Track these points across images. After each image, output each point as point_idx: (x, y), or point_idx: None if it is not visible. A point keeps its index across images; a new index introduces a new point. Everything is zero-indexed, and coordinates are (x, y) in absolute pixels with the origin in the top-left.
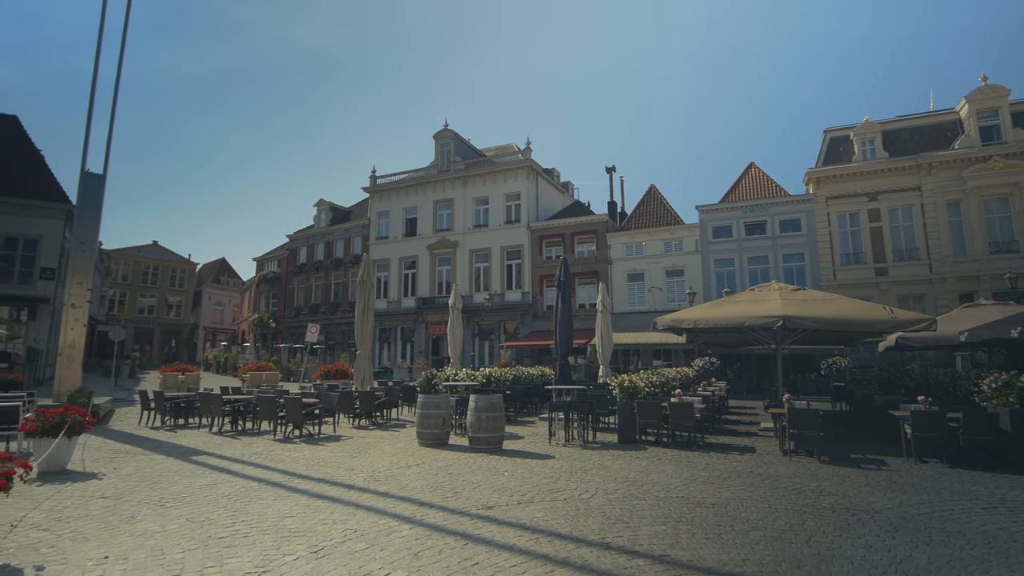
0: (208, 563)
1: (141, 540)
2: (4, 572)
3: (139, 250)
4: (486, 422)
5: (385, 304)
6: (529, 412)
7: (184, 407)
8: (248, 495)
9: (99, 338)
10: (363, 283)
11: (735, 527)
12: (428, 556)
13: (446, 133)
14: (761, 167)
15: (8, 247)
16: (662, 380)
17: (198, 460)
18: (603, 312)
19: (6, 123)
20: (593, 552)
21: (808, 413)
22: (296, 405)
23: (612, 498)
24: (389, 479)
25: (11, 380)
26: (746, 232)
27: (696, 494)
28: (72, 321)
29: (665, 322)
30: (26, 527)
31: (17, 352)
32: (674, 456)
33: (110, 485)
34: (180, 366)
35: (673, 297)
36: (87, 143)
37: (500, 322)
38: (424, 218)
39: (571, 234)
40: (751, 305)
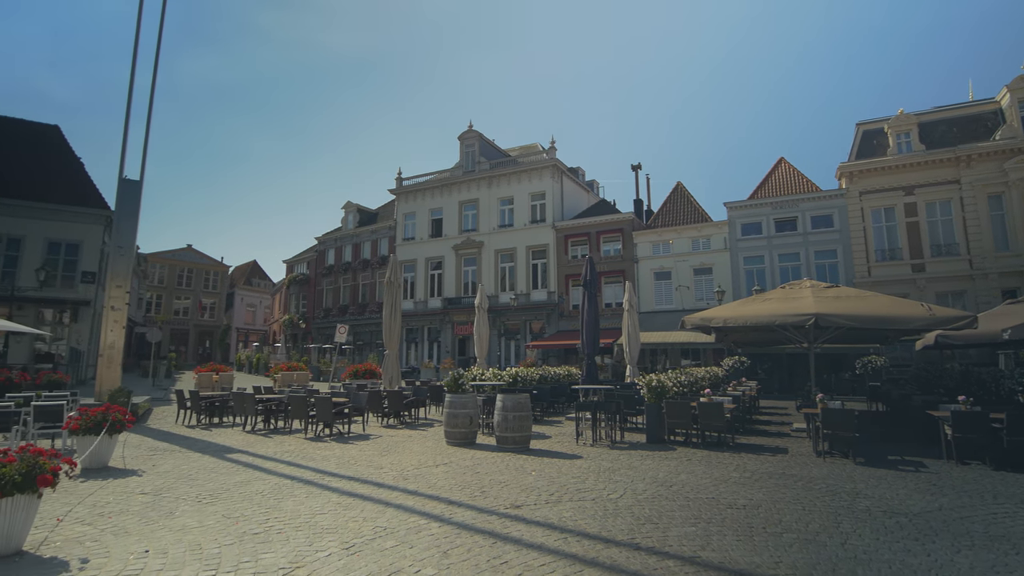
0: (244, 558)
1: (180, 535)
2: (52, 564)
3: (174, 253)
4: (513, 421)
5: (412, 304)
6: (556, 412)
7: (218, 406)
8: (281, 492)
9: (137, 339)
10: (390, 284)
11: (767, 529)
12: (457, 554)
13: (471, 134)
14: (791, 162)
15: (51, 252)
16: (691, 380)
17: (232, 458)
18: (630, 311)
19: (48, 133)
20: (622, 553)
21: (843, 413)
22: (326, 404)
23: (641, 498)
24: (418, 478)
25: (55, 380)
26: (776, 229)
27: (727, 495)
28: (112, 323)
29: (694, 321)
30: (71, 521)
31: (60, 353)
32: (704, 457)
33: (149, 482)
34: (214, 366)
35: (701, 295)
36: (124, 150)
37: (526, 322)
38: (449, 219)
39: (597, 233)
40: (782, 303)
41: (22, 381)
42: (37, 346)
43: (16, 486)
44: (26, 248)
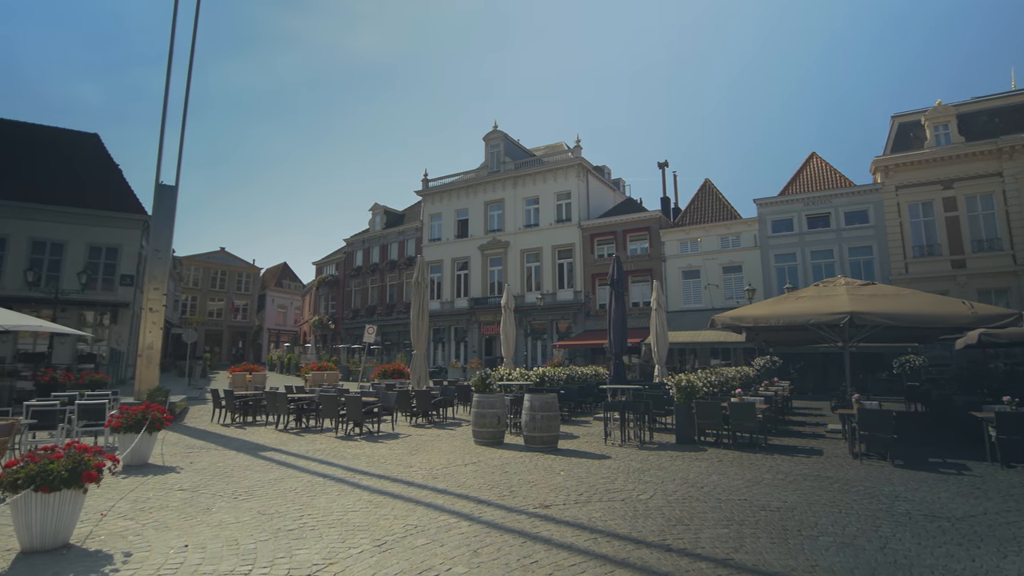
0: (279, 554)
1: (217, 530)
2: (97, 557)
3: (208, 256)
4: (541, 421)
5: (439, 305)
6: (583, 412)
7: (252, 405)
8: (313, 490)
9: (173, 340)
10: (418, 284)
11: (802, 532)
12: (487, 553)
13: (495, 134)
14: (823, 157)
15: (92, 256)
16: (721, 380)
17: (266, 456)
18: (658, 310)
19: (88, 141)
20: (653, 554)
21: (880, 414)
22: (356, 404)
23: (671, 499)
24: (447, 476)
25: (97, 380)
26: (808, 225)
27: (760, 497)
28: (150, 324)
29: (724, 320)
30: (114, 516)
31: (101, 354)
32: (735, 458)
33: (187, 478)
34: (247, 366)
35: (731, 294)
36: (160, 157)
37: (552, 321)
38: (475, 219)
39: (623, 232)
40: (816, 301)
41: (66, 381)
42: (79, 347)
43: (63, 481)
44: (68, 252)
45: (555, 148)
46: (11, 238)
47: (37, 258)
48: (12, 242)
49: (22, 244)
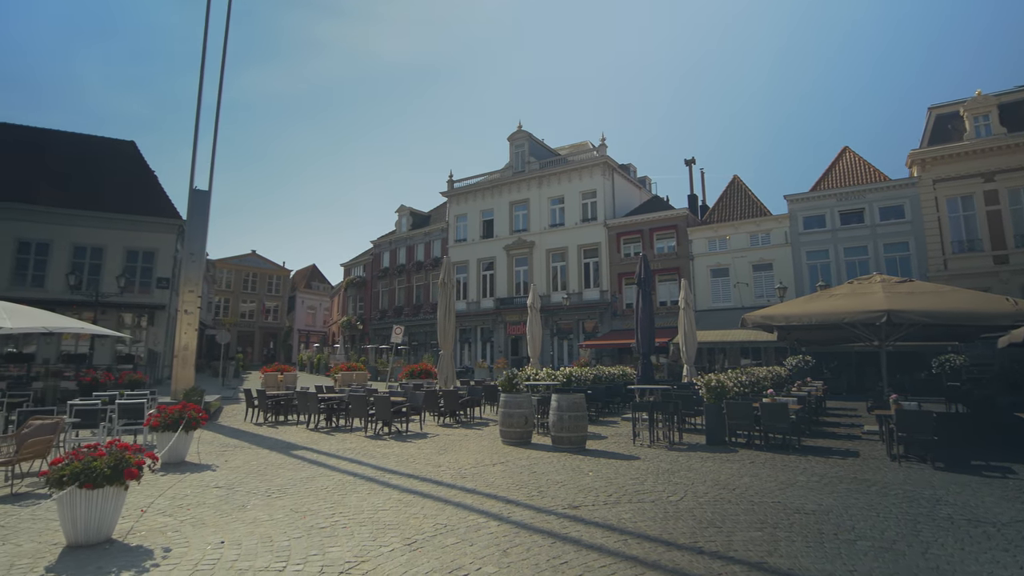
0: (312, 551)
1: (252, 527)
2: (138, 552)
3: (240, 259)
4: (568, 421)
5: (465, 305)
6: (611, 412)
7: (283, 405)
8: (344, 488)
9: (207, 341)
10: (444, 285)
11: (839, 535)
12: (517, 553)
13: (520, 134)
14: (856, 151)
15: (130, 260)
16: (752, 380)
17: (298, 454)
18: (686, 309)
19: (125, 148)
20: (685, 556)
21: (920, 415)
22: (385, 404)
23: (702, 501)
24: (475, 476)
25: (136, 380)
26: (841, 221)
27: (794, 499)
28: (185, 326)
29: (754, 319)
30: (153, 512)
31: (139, 354)
32: (768, 459)
33: (222, 476)
34: (279, 366)
35: (761, 292)
36: (194, 162)
37: (578, 321)
38: (500, 219)
39: (650, 230)
40: (850, 299)
41: (107, 381)
42: (118, 348)
43: (106, 478)
44: (107, 256)
45: (580, 147)
46: (54, 243)
47: (78, 262)
48: (55, 247)
49: (64, 249)
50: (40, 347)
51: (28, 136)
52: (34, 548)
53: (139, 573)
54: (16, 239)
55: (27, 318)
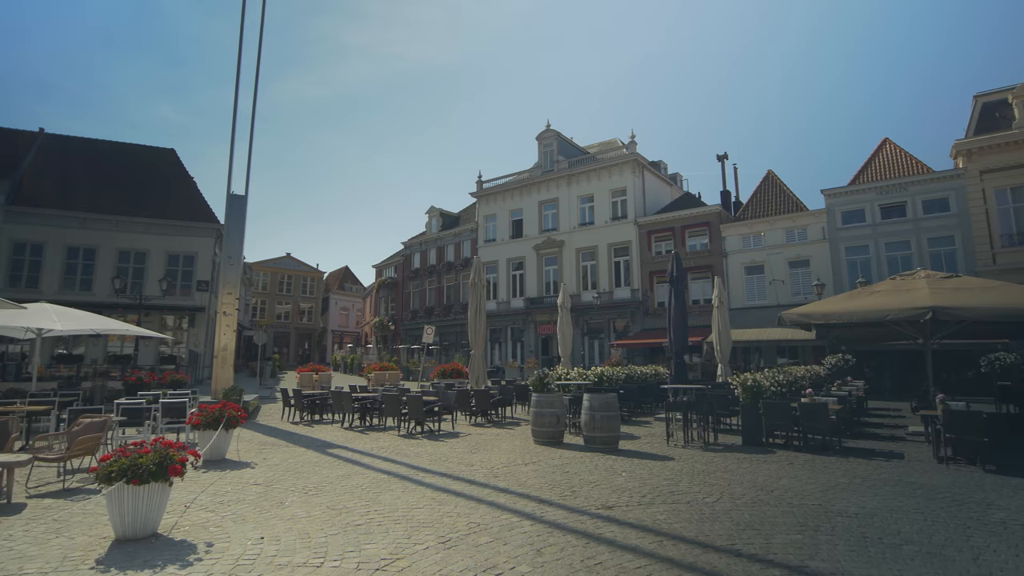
0: (348, 548)
1: (290, 524)
2: (182, 546)
3: (275, 262)
4: (600, 421)
5: (495, 305)
6: (644, 412)
7: (319, 404)
8: (379, 486)
9: (245, 342)
10: (474, 285)
11: (884, 539)
12: (550, 553)
13: (548, 133)
14: (897, 143)
15: (171, 264)
16: (790, 379)
17: (333, 453)
18: (719, 307)
19: (166, 156)
20: (722, 559)
21: (969, 415)
22: (417, 403)
23: (739, 503)
24: (508, 476)
25: (178, 379)
26: (882, 216)
27: (835, 502)
28: (224, 327)
29: (792, 317)
30: (196, 508)
31: (181, 355)
32: (807, 461)
33: (261, 474)
34: (314, 366)
35: (798, 290)
36: (231, 168)
37: (609, 320)
38: (530, 219)
39: (682, 227)
40: (893, 296)
41: (150, 381)
42: (161, 349)
43: (151, 475)
44: (150, 261)
45: (609, 144)
46: (100, 249)
47: (123, 267)
48: (101, 252)
49: (110, 254)
50: (88, 348)
51: (75, 146)
52: (86, 541)
53: (183, 567)
54: (65, 245)
55: (76, 321)
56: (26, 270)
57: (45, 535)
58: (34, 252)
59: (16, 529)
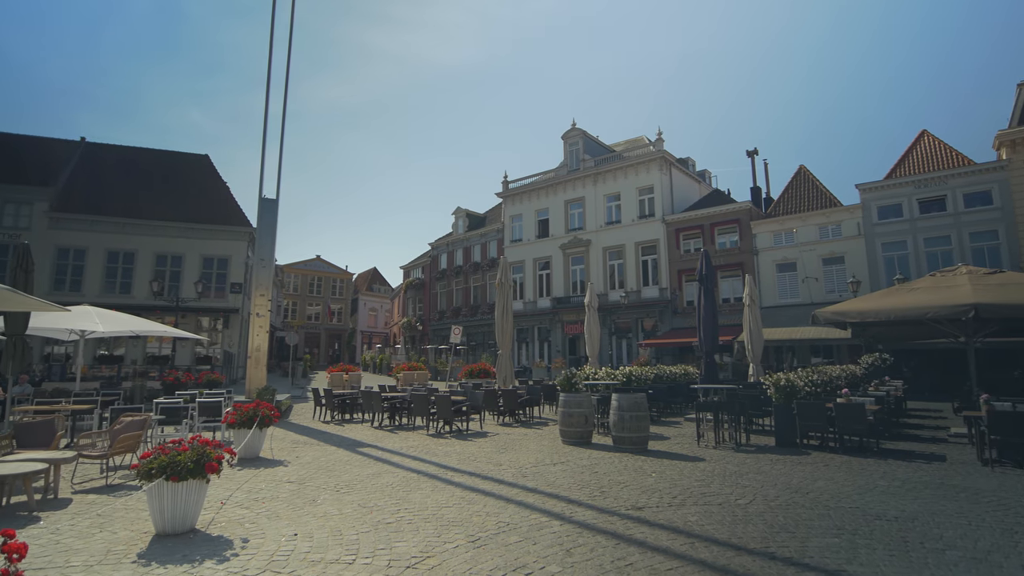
0: (379, 545)
1: (322, 521)
2: (219, 542)
3: (305, 264)
4: (630, 421)
5: (521, 305)
6: (673, 412)
7: (349, 403)
8: (408, 485)
9: (277, 342)
10: (501, 285)
11: (925, 544)
12: (580, 553)
13: (574, 132)
14: (935, 135)
15: (206, 266)
16: (824, 379)
17: (364, 451)
18: (751, 306)
19: (200, 161)
20: (756, 561)
21: (1015, 416)
22: (446, 403)
23: (773, 505)
24: (536, 475)
25: (213, 379)
26: (920, 210)
27: (873, 505)
28: (257, 328)
29: (826, 315)
30: (232, 505)
31: (216, 355)
32: (843, 462)
33: (294, 471)
34: (344, 366)
35: (832, 287)
36: (263, 172)
37: (637, 320)
38: (556, 218)
39: (711, 225)
40: (933, 293)
41: (187, 380)
42: (197, 350)
43: (189, 472)
44: (186, 264)
45: (636, 142)
46: (139, 253)
47: (160, 270)
48: (140, 256)
49: (148, 258)
50: (128, 349)
51: (113, 153)
52: (128, 536)
53: (220, 562)
54: (106, 249)
55: (117, 322)
56: (69, 274)
57: (89, 529)
58: (77, 257)
59: (63, 523)
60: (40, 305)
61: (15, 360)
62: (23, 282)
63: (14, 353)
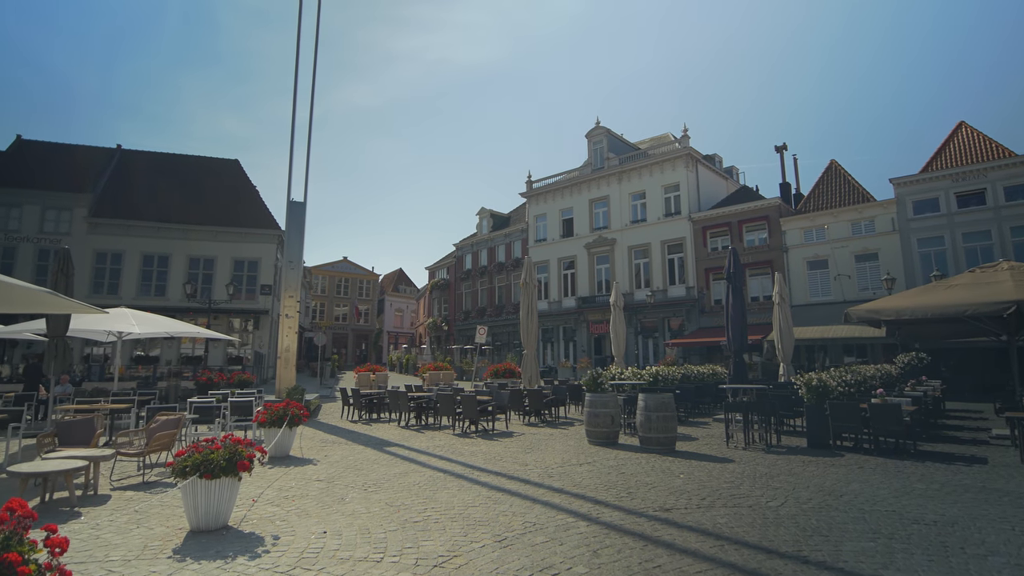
0: (407, 544)
1: (351, 519)
2: (251, 538)
3: (333, 266)
4: (656, 422)
5: (546, 305)
6: (701, 413)
7: (376, 403)
8: (435, 484)
9: (306, 343)
10: (526, 285)
11: (966, 550)
12: (607, 554)
13: (598, 130)
14: (973, 126)
15: (237, 269)
16: (858, 379)
17: (391, 451)
18: (780, 304)
19: (231, 166)
20: (788, 565)
21: None
22: (472, 403)
23: (806, 508)
24: (562, 476)
25: (245, 379)
26: (958, 204)
27: (911, 509)
28: (287, 329)
29: (860, 313)
30: (263, 502)
31: (247, 356)
32: (878, 465)
33: (323, 470)
34: (371, 366)
35: (865, 285)
36: (291, 176)
37: (664, 319)
38: (580, 218)
39: (738, 222)
40: (972, 289)
41: (219, 380)
42: (229, 350)
43: (222, 469)
44: (218, 266)
45: (661, 140)
46: (173, 256)
47: (193, 272)
48: (174, 259)
49: (182, 261)
50: (163, 350)
51: (148, 159)
52: (163, 531)
53: (252, 558)
54: (141, 253)
55: (152, 324)
56: (107, 277)
57: (127, 525)
58: (114, 260)
59: (102, 519)
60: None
61: (57, 360)
62: (64, 285)
63: (56, 354)
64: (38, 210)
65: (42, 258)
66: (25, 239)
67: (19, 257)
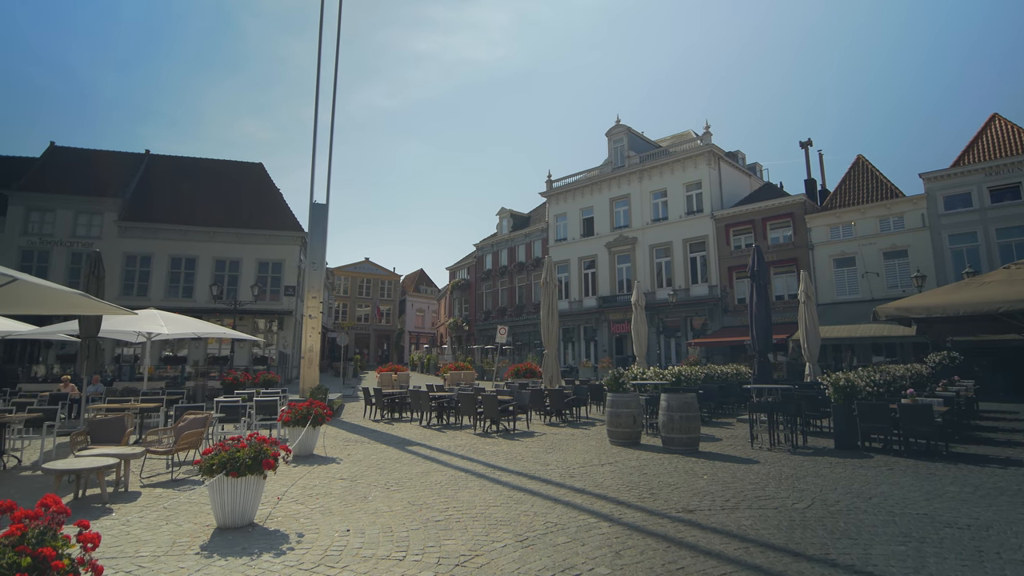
0: (429, 543)
1: (373, 518)
2: (276, 536)
3: (355, 267)
4: (679, 422)
5: (567, 304)
6: (725, 413)
7: (398, 403)
8: (457, 484)
9: (329, 343)
10: (546, 285)
11: (1002, 555)
12: (630, 555)
13: (618, 129)
14: (1007, 118)
15: (261, 270)
16: (887, 378)
17: (412, 450)
18: (806, 303)
19: (255, 170)
20: (816, 569)
21: None
22: (493, 402)
23: (833, 510)
24: (584, 476)
25: (269, 379)
26: (992, 199)
27: (943, 512)
28: (310, 329)
29: (889, 311)
30: (288, 500)
31: (272, 356)
32: (909, 467)
33: (346, 469)
34: (392, 366)
35: (894, 282)
36: (313, 178)
37: (686, 318)
38: (601, 217)
39: (762, 220)
40: (1007, 286)
41: (245, 380)
42: (254, 351)
43: (248, 468)
44: (243, 268)
45: (682, 137)
46: (199, 258)
47: (219, 274)
48: (200, 262)
49: (208, 263)
50: (191, 351)
51: (175, 164)
52: (191, 528)
53: (277, 555)
54: (169, 256)
55: (180, 325)
56: (137, 279)
57: (156, 522)
58: (143, 263)
59: (133, 515)
60: (111, 309)
61: (89, 361)
62: (95, 288)
63: (88, 354)
64: (71, 215)
65: (75, 261)
66: (59, 243)
67: (53, 260)
